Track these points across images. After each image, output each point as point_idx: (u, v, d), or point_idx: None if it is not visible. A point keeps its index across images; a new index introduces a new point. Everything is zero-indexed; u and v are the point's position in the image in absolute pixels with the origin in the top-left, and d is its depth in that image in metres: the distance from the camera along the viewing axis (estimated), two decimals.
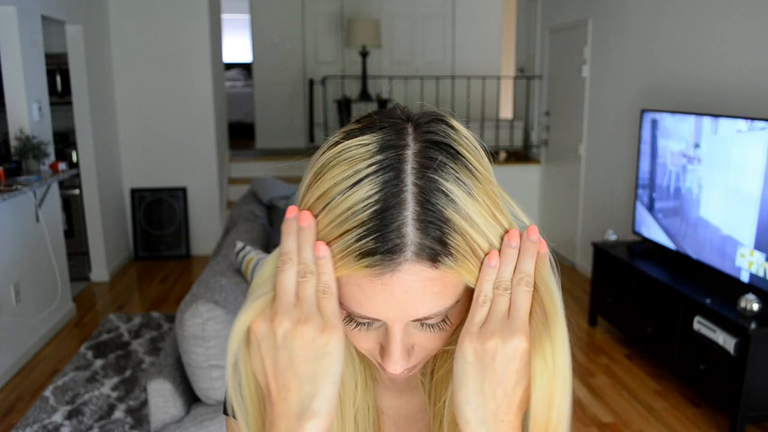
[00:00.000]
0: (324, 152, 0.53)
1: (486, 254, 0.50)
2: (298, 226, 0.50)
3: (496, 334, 0.50)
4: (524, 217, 0.53)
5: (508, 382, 0.50)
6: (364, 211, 0.47)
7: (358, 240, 0.47)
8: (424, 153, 0.50)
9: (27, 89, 3.66)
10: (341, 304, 0.52)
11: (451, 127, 0.53)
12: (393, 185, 0.48)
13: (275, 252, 0.54)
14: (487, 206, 0.50)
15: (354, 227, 0.48)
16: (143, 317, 4.07)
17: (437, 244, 0.48)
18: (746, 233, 2.75)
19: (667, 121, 3.34)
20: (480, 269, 0.50)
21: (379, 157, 0.49)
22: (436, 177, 0.49)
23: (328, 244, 0.49)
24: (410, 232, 0.47)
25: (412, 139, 0.51)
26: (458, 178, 0.49)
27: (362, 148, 0.50)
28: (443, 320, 0.53)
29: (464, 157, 0.51)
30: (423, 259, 0.48)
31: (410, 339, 0.53)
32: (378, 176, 0.48)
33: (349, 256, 0.48)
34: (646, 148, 3.56)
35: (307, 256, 0.50)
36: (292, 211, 0.51)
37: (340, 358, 0.51)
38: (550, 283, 0.51)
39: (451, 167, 0.50)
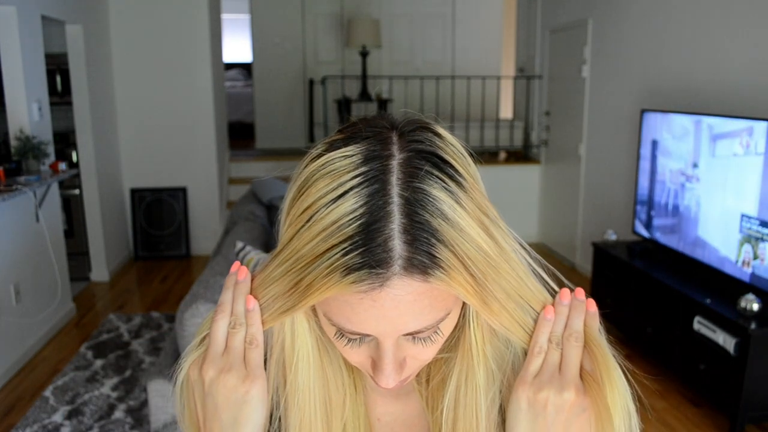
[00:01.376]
0: (307, 165, 0.52)
1: (475, 265, 0.48)
2: (236, 280, 0.54)
3: (548, 385, 0.52)
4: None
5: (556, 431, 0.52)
6: (350, 225, 0.46)
7: (344, 255, 0.46)
8: (409, 163, 0.49)
9: (27, 89, 3.66)
10: (330, 320, 0.51)
11: (437, 134, 0.52)
12: (378, 197, 0.47)
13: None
14: (476, 214, 0.49)
15: (340, 242, 0.46)
16: (143, 317, 4.07)
17: (426, 257, 0.47)
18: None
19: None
20: (536, 322, 0.54)
21: (363, 169, 0.48)
22: (423, 186, 0.48)
23: (315, 260, 0.47)
24: (398, 245, 0.46)
25: (396, 148, 0.49)
26: (445, 187, 0.48)
27: (346, 160, 0.49)
28: (435, 332, 0.52)
29: (450, 165, 0.50)
30: (412, 273, 0.47)
31: (402, 352, 0.53)
32: (363, 188, 0.47)
33: (335, 272, 0.46)
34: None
35: (239, 309, 0.54)
36: (235, 266, 0.55)
37: (261, 406, 0.54)
38: (600, 339, 0.54)
39: (437, 176, 0.49)
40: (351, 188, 0.47)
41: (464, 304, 0.55)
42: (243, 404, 0.53)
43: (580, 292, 0.55)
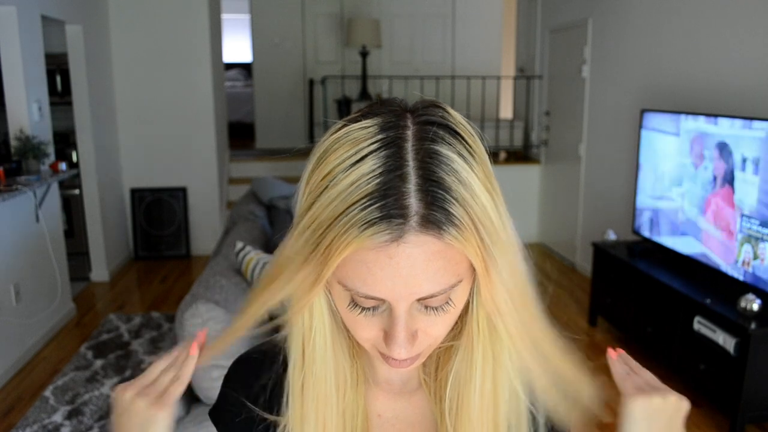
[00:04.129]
0: (327, 138, 0.54)
1: (485, 229, 0.51)
2: (199, 341, 0.67)
3: (654, 392, 0.65)
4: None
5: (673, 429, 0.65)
6: (368, 183, 0.49)
7: (362, 210, 0.48)
8: (423, 130, 0.52)
9: (27, 89, 3.66)
10: (345, 286, 0.52)
11: (448, 112, 0.55)
12: (395, 158, 0.50)
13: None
14: (485, 184, 0.52)
15: (358, 199, 0.48)
16: (143, 317, 4.07)
17: (441, 214, 0.49)
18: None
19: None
20: (610, 362, 0.70)
21: (380, 136, 0.51)
22: (437, 148, 0.50)
23: (334, 221, 0.49)
24: (414, 203, 0.48)
25: (411, 121, 0.52)
26: (458, 152, 0.51)
27: (364, 130, 0.52)
28: (447, 302, 0.53)
29: (462, 137, 0.53)
30: (428, 228, 0.49)
31: (414, 323, 0.54)
32: (380, 152, 0.50)
33: (353, 228, 0.48)
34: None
35: (180, 359, 0.66)
36: (200, 335, 0.68)
37: (163, 430, 0.62)
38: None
39: (450, 142, 0.51)
40: (369, 153, 0.50)
41: (473, 281, 0.56)
42: (147, 426, 0.61)
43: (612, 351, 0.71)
